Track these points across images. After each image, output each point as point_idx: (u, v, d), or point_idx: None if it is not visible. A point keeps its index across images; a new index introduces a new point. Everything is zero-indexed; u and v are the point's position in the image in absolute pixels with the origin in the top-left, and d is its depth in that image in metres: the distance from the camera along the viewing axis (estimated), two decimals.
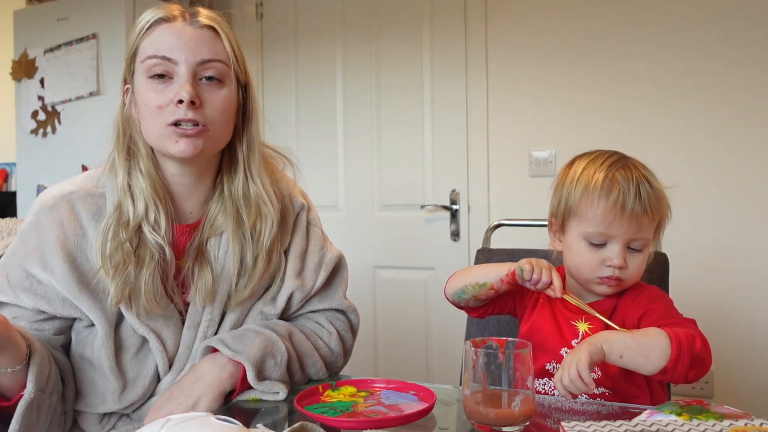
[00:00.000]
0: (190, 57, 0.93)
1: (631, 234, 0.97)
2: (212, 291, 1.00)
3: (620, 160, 1.01)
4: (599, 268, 1.00)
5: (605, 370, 0.98)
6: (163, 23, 0.94)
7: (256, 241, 1.01)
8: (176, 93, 0.91)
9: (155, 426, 0.63)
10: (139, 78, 0.95)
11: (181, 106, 0.91)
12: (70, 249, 0.94)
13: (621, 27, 2.24)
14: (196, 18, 0.95)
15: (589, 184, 0.99)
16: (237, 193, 1.01)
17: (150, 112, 0.93)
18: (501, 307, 1.12)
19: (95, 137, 2.68)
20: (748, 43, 2.08)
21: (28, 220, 0.98)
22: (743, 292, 2.09)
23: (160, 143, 0.94)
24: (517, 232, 1.71)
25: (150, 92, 0.93)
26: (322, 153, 2.73)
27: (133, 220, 0.94)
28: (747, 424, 0.74)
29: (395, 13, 2.59)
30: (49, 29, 2.65)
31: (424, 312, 2.56)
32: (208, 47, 0.95)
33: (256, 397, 0.96)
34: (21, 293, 0.94)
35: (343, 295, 1.14)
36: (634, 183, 0.96)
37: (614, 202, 0.96)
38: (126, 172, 0.96)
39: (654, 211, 0.97)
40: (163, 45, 0.92)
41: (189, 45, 0.93)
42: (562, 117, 2.32)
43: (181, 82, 0.92)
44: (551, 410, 0.90)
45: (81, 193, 0.98)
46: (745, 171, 2.09)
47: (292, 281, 1.06)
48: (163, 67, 0.92)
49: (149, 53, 0.93)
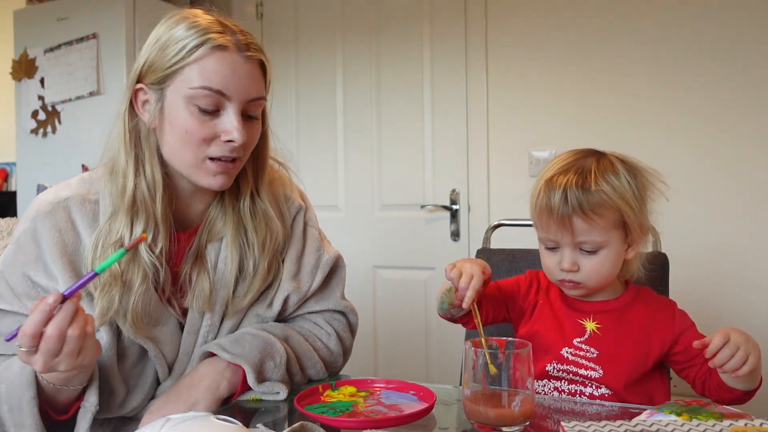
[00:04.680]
0: (243, 95, 0.90)
1: (569, 237, 0.97)
2: (210, 298, 0.98)
3: (574, 163, 0.99)
4: (556, 271, 1.01)
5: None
6: (217, 51, 0.88)
7: (259, 252, 1.01)
8: (225, 131, 0.89)
9: (155, 426, 0.63)
10: (178, 100, 0.89)
11: (229, 145, 0.90)
12: (69, 255, 0.92)
13: (621, 26, 2.24)
14: (248, 51, 0.90)
15: (534, 191, 1.01)
16: (243, 208, 1.01)
17: (189, 141, 0.90)
18: (494, 316, 1.11)
19: (95, 137, 2.68)
20: (749, 43, 2.07)
21: (24, 226, 0.94)
22: (743, 293, 2.09)
23: (191, 172, 0.92)
24: (517, 232, 1.71)
25: (194, 121, 0.89)
26: (322, 153, 2.73)
27: (128, 241, 0.90)
28: (747, 424, 0.74)
29: (395, 13, 2.59)
30: (49, 29, 2.65)
31: (424, 312, 2.56)
32: (256, 85, 0.92)
33: (257, 396, 0.96)
34: (27, 302, 0.91)
35: (341, 296, 1.14)
36: (562, 187, 0.95)
37: (541, 207, 0.98)
38: (133, 184, 0.92)
39: (588, 213, 0.94)
40: (218, 77, 0.87)
41: (243, 81, 0.89)
42: (562, 117, 2.32)
43: (231, 120, 0.89)
44: (551, 410, 0.90)
45: (77, 199, 0.95)
46: (746, 170, 2.09)
47: (288, 284, 1.05)
48: (214, 101, 0.88)
49: (202, 83, 0.87)
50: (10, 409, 0.86)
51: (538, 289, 1.10)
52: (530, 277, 1.13)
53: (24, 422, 0.84)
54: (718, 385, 0.94)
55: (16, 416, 0.85)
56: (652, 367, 1.00)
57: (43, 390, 0.85)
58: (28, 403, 0.84)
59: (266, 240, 1.01)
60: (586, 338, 1.02)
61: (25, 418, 0.84)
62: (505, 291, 1.11)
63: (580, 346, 1.01)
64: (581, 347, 1.01)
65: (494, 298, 1.10)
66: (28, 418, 0.84)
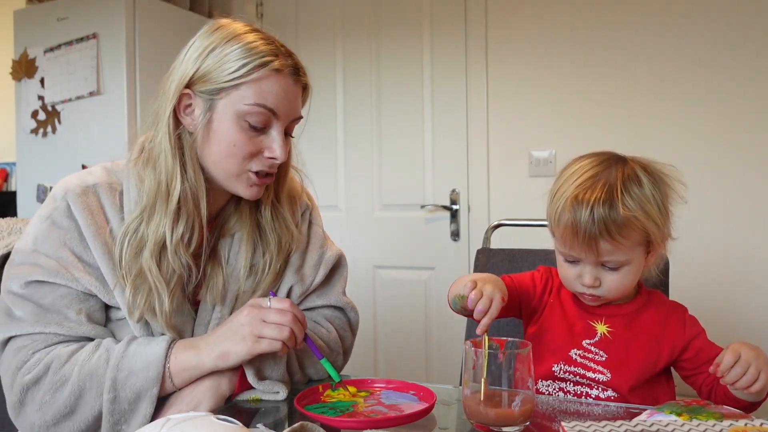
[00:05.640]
0: (290, 115, 0.96)
1: (593, 257, 0.95)
2: (223, 291, 1.01)
3: (601, 173, 0.96)
4: (575, 284, 1.00)
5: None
6: (274, 73, 0.93)
7: (276, 251, 1.04)
8: (270, 148, 0.94)
9: (155, 426, 0.63)
10: (229, 113, 0.92)
11: (272, 161, 0.95)
12: (104, 237, 0.93)
13: (621, 26, 2.24)
14: (298, 75, 0.97)
15: (558, 204, 0.96)
16: (264, 214, 1.05)
17: (234, 154, 0.93)
18: (506, 312, 1.08)
19: (95, 137, 2.69)
20: (753, 44, 2.07)
21: (54, 205, 0.94)
22: (744, 294, 2.09)
23: (230, 182, 0.96)
24: (517, 232, 1.71)
25: (243, 136, 0.93)
26: (323, 153, 2.73)
27: (172, 244, 0.92)
28: (747, 424, 0.74)
29: (395, 13, 2.59)
30: (49, 29, 2.65)
31: (424, 312, 2.56)
32: (299, 107, 0.99)
33: (256, 396, 0.96)
34: (76, 273, 0.91)
35: (342, 292, 1.15)
36: (589, 207, 0.91)
37: (566, 226, 0.94)
38: (180, 187, 0.93)
39: (615, 235, 0.91)
40: (273, 97, 0.93)
41: (291, 103, 0.96)
42: (562, 117, 2.32)
43: (276, 139, 0.95)
44: (552, 410, 0.90)
45: (104, 186, 0.97)
46: (747, 173, 2.09)
47: (292, 276, 1.08)
48: (265, 119, 0.93)
49: (257, 101, 0.92)
50: (117, 398, 0.87)
51: (552, 289, 1.09)
52: (545, 276, 1.11)
53: (137, 412, 0.88)
54: (725, 394, 0.93)
55: (125, 405, 0.87)
56: (659, 372, 1.00)
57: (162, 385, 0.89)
58: (150, 398, 0.88)
59: (282, 241, 1.05)
60: (596, 341, 1.01)
61: (140, 410, 0.88)
62: (520, 289, 1.09)
63: (590, 349, 1.01)
64: (590, 349, 1.01)
65: (509, 295, 1.08)
66: (145, 409, 0.88)
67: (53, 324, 0.90)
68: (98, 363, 0.88)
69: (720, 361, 0.86)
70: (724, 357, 0.86)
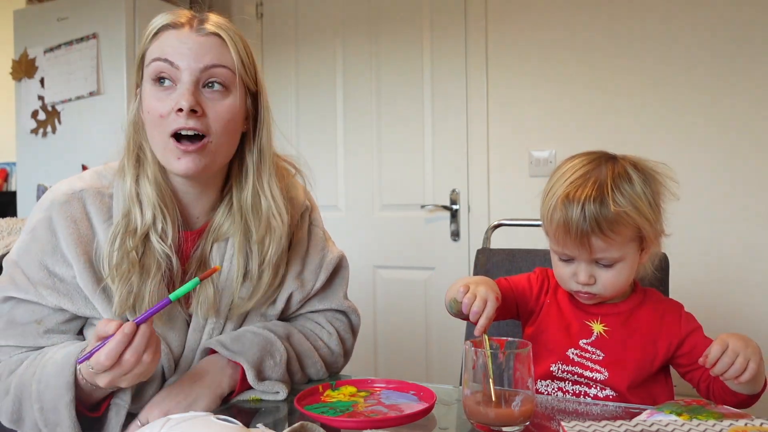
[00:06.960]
0: (193, 63, 0.90)
1: (587, 254, 0.96)
2: (214, 303, 0.98)
3: (592, 171, 0.97)
4: (571, 282, 1.01)
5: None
6: (171, 29, 0.93)
7: (263, 254, 1.00)
8: (177, 101, 0.89)
9: (155, 426, 0.63)
10: (146, 84, 0.93)
11: (181, 115, 0.88)
12: (85, 246, 0.93)
13: (621, 26, 2.24)
14: (203, 25, 0.93)
15: (550, 203, 0.98)
16: (245, 205, 1.00)
17: (152, 120, 0.91)
18: (503, 314, 1.10)
19: (95, 137, 2.69)
20: (750, 44, 2.07)
21: (39, 216, 0.95)
22: (744, 293, 2.09)
23: (163, 158, 0.93)
24: (517, 232, 1.71)
25: (153, 99, 0.91)
26: (323, 153, 2.73)
27: (141, 228, 0.93)
28: (747, 424, 0.74)
29: (395, 13, 2.59)
30: (49, 29, 2.65)
31: (424, 312, 2.56)
32: (212, 54, 0.92)
33: (256, 396, 0.96)
34: (43, 290, 0.92)
35: (344, 296, 1.14)
36: (580, 205, 0.93)
37: (558, 224, 0.95)
38: (134, 180, 0.95)
39: (606, 231, 0.92)
40: (168, 49, 0.91)
41: (193, 51, 0.91)
42: (562, 117, 2.32)
43: (182, 90, 0.90)
44: (551, 410, 0.90)
45: (91, 192, 0.96)
46: (747, 171, 2.09)
47: (292, 282, 1.06)
48: (165, 71, 0.91)
49: (154, 56, 0.92)
50: (43, 408, 0.86)
51: (548, 290, 1.10)
52: (541, 277, 1.11)
53: (60, 423, 0.85)
54: (722, 389, 0.94)
55: (50, 416, 0.86)
56: (657, 370, 1.00)
57: (81, 390, 0.86)
58: (66, 406, 0.84)
59: (265, 238, 1.00)
60: (593, 340, 1.01)
61: (61, 420, 0.85)
62: (517, 291, 1.10)
63: (586, 348, 1.01)
64: (587, 349, 1.01)
65: (505, 297, 1.08)
66: (65, 420, 0.85)
67: (17, 336, 0.93)
68: (27, 373, 0.89)
69: (708, 353, 0.86)
70: (711, 348, 0.86)
